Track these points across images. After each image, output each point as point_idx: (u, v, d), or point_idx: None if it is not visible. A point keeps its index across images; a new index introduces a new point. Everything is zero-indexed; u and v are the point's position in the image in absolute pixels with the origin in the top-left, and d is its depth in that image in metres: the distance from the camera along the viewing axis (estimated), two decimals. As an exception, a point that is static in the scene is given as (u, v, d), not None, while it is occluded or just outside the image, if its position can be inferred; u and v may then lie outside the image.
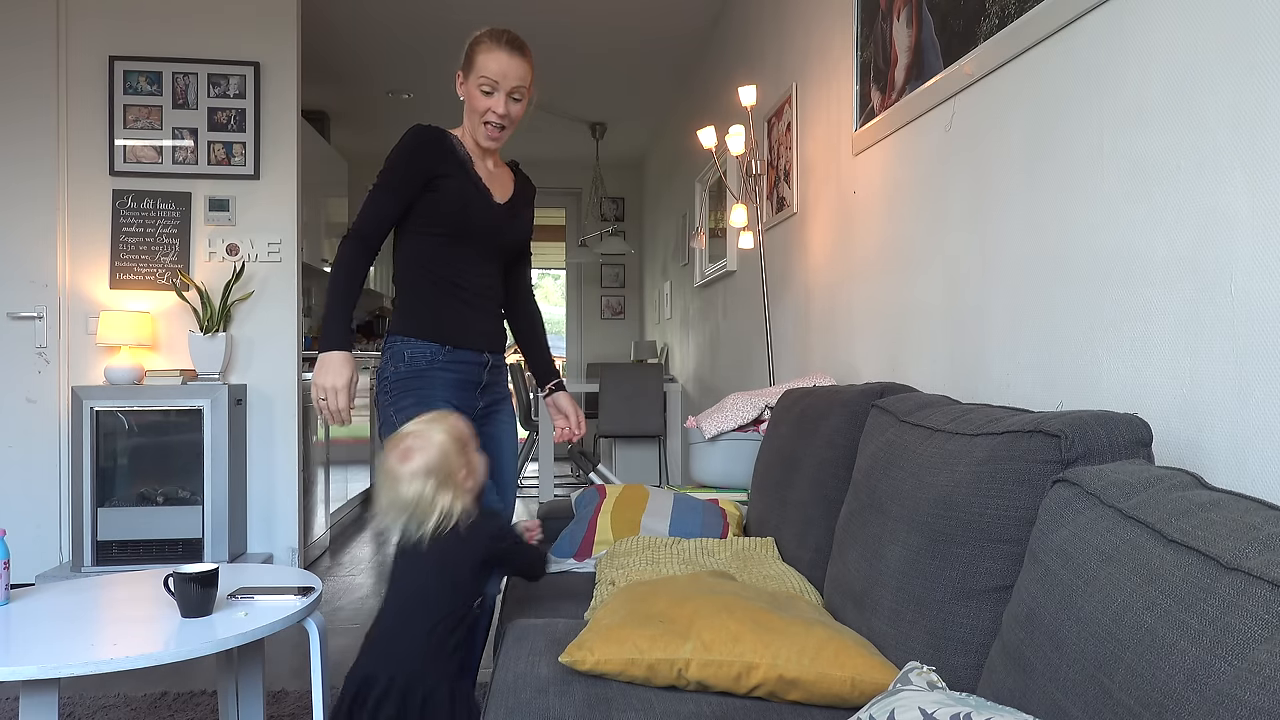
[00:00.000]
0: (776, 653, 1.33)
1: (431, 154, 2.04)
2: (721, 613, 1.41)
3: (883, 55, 2.54)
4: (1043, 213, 1.75)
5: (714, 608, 1.43)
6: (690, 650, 1.36)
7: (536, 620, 1.79)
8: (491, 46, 2.05)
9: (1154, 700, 0.79)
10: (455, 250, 2.08)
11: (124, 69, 3.91)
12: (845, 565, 1.63)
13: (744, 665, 1.34)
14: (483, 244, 2.10)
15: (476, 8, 4.88)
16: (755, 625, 1.38)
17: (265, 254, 4.00)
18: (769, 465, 2.35)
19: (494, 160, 2.19)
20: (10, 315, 3.87)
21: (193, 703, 2.57)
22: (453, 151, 2.07)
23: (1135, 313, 1.47)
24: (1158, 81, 1.42)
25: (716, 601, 1.45)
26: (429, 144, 2.04)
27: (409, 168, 2.01)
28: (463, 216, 2.05)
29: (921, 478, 1.41)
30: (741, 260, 4.36)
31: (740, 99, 3.49)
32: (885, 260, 2.57)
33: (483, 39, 2.07)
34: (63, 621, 1.78)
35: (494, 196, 2.12)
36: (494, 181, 2.15)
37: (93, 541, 3.64)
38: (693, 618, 1.41)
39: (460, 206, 2.04)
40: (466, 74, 2.09)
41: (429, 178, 2.02)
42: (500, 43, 2.06)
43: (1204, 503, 0.92)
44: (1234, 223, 1.26)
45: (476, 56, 2.06)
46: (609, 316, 8.99)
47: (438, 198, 2.03)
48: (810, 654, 1.33)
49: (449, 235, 2.06)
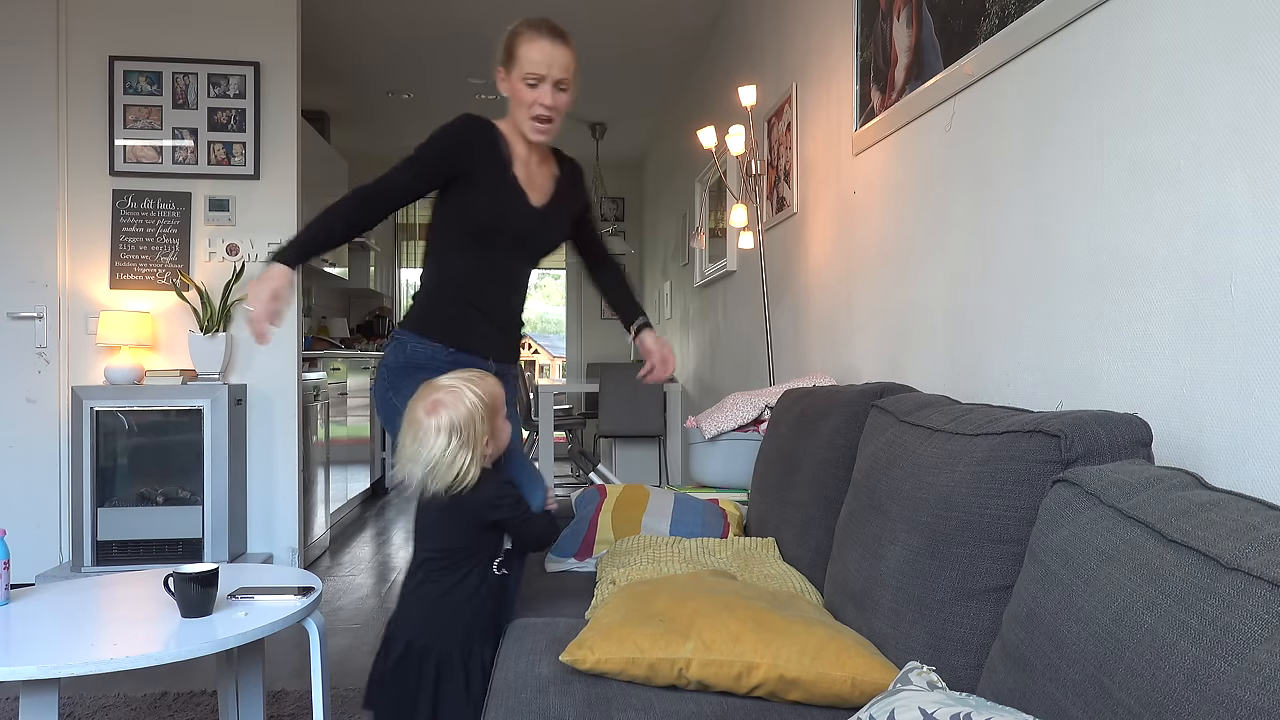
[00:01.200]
0: (777, 652, 1.34)
1: (473, 148, 1.98)
2: (722, 612, 1.41)
3: (883, 55, 2.54)
4: (1043, 212, 1.75)
5: (715, 607, 1.43)
6: (691, 650, 1.36)
7: (537, 619, 1.80)
8: (533, 36, 1.98)
9: (1154, 700, 0.79)
10: (481, 257, 2.03)
11: (124, 69, 3.91)
12: (845, 565, 1.63)
13: (744, 665, 1.34)
14: (511, 246, 2.06)
15: (476, 7, 4.88)
16: (756, 625, 1.38)
17: (265, 254, 4.00)
18: (769, 465, 2.35)
19: (539, 156, 2.12)
20: (10, 315, 3.87)
21: (193, 703, 2.56)
22: (495, 148, 2.01)
23: (1135, 313, 1.47)
24: (1158, 81, 1.42)
25: (717, 601, 1.46)
26: (474, 136, 1.99)
27: (445, 153, 1.96)
28: (492, 217, 2.00)
29: (921, 477, 1.41)
30: (741, 260, 4.36)
31: (740, 99, 3.49)
32: (885, 260, 2.57)
33: (522, 30, 2.00)
34: (63, 621, 1.78)
35: (530, 199, 2.06)
36: (533, 183, 2.08)
37: (93, 541, 3.64)
38: (693, 617, 1.41)
39: (491, 207, 2.00)
40: (508, 68, 2.01)
41: (463, 171, 1.97)
42: (541, 32, 1.98)
43: (1204, 503, 0.92)
44: (1234, 223, 1.26)
45: (518, 48, 1.99)
46: (609, 316, 8.97)
47: (469, 197, 1.98)
48: (811, 654, 1.33)
49: (476, 236, 2.01)
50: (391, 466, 1.83)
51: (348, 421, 5.42)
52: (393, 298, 8.94)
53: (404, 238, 9.06)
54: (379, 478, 6.42)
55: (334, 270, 6.55)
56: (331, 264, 6.42)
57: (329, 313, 7.62)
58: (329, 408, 4.84)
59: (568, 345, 9.13)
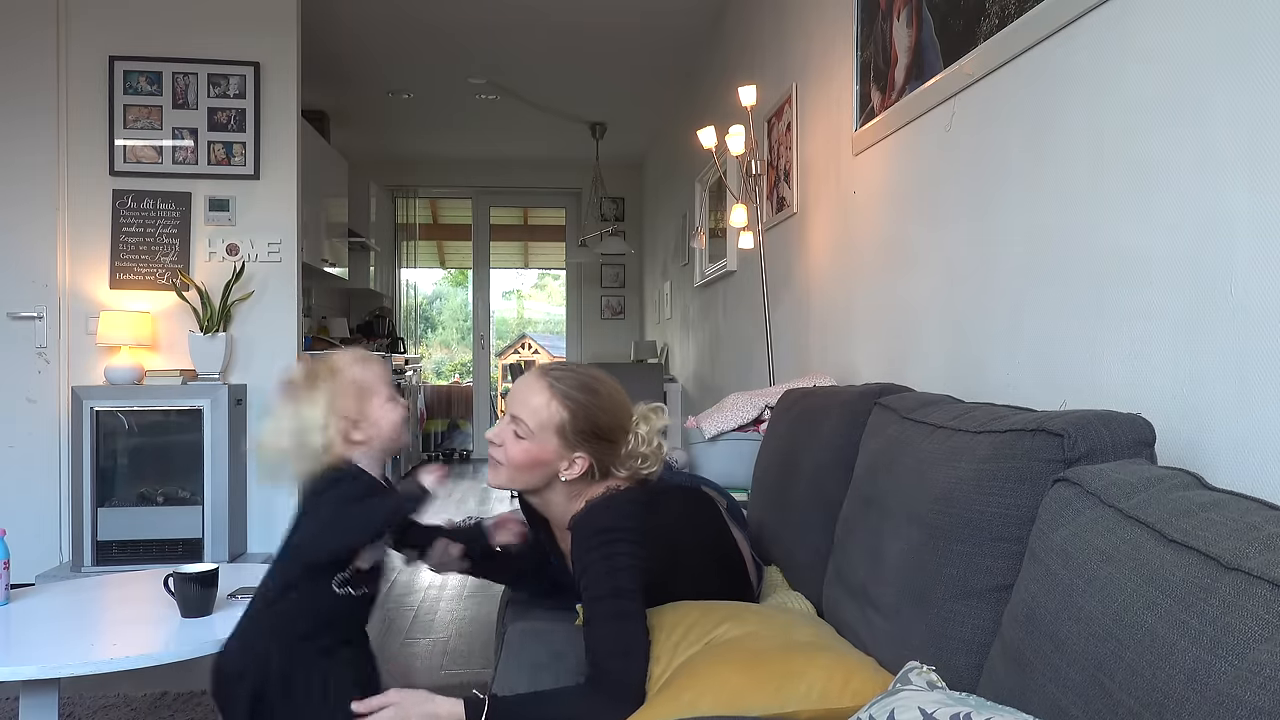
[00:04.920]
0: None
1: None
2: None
3: (883, 55, 2.54)
4: (1043, 212, 1.75)
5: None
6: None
7: (539, 624, 1.77)
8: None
9: (1154, 700, 0.79)
10: None
11: (124, 69, 3.91)
12: (846, 560, 1.63)
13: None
14: None
15: (476, 7, 4.88)
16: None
17: (265, 254, 4.00)
18: (769, 465, 2.35)
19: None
20: (10, 315, 3.87)
21: (193, 703, 2.56)
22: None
23: (1135, 313, 1.47)
24: (1158, 81, 1.42)
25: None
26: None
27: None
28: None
29: (923, 474, 1.41)
30: (741, 260, 4.36)
31: (740, 99, 3.49)
32: (885, 260, 2.57)
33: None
34: (63, 621, 1.78)
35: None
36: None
37: (93, 541, 3.64)
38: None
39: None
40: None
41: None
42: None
43: (1204, 503, 0.92)
44: (1234, 223, 1.26)
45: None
46: (609, 316, 8.98)
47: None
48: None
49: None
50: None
51: (348, 421, 5.41)
52: (393, 298, 8.94)
53: (404, 238, 9.06)
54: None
55: (334, 270, 6.55)
56: (332, 264, 6.42)
57: (329, 313, 7.62)
58: (329, 408, 4.83)
59: (568, 345, 9.13)
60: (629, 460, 1.60)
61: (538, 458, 1.53)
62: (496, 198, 8.96)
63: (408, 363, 7.50)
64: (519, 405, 1.54)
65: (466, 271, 9.60)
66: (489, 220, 9.00)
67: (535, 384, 1.55)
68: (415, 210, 9.14)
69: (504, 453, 1.54)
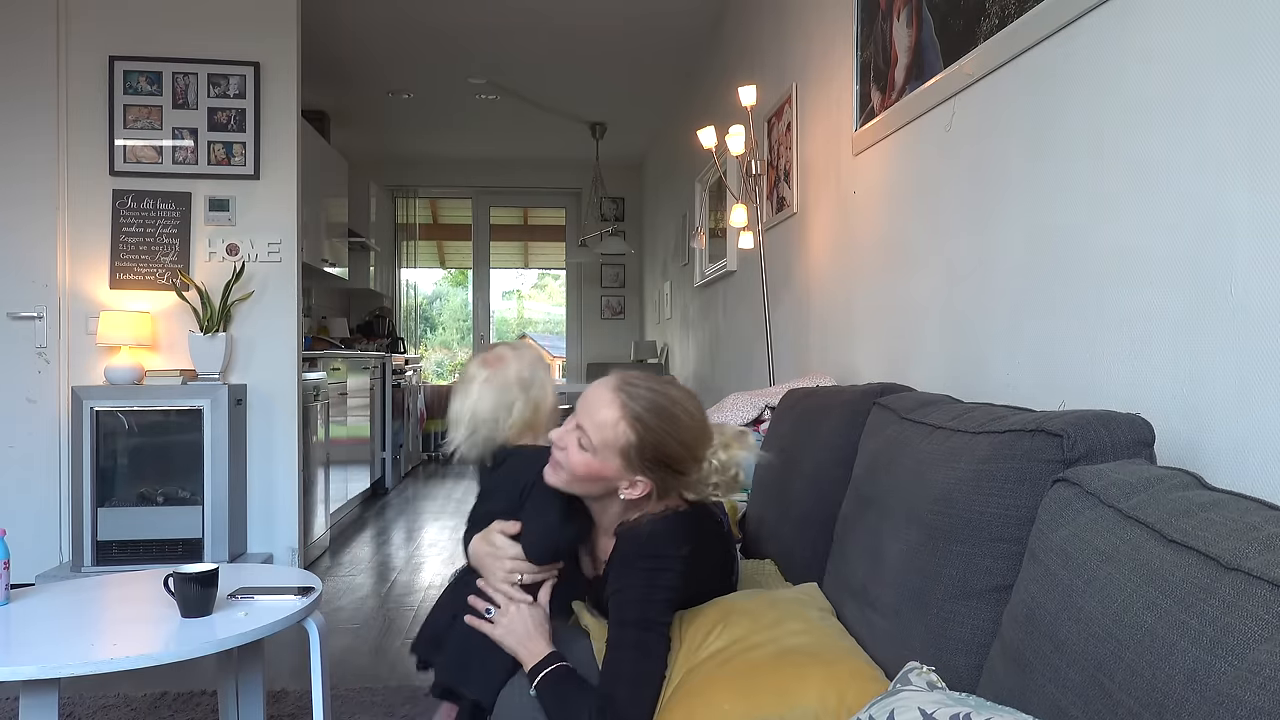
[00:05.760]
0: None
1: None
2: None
3: (883, 55, 2.54)
4: (1043, 212, 1.75)
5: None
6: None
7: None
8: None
9: (1154, 700, 0.79)
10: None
11: (124, 69, 3.91)
12: (845, 559, 1.63)
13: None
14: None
15: (476, 7, 4.88)
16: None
17: (265, 254, 4.00)
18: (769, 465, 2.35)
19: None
20: (10, 315, 3.87)
21: (193, 703, 2.56)
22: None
23: (1135, 313, 1.47)
24: (1158, 81, 1.42)
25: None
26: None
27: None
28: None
29: (922, 474, 1.41)
30: (741, 260, 4.36)
31: (740, 99, 3.49)
32: (885, 260, 2.57)
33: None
34: (63, 621, 1.78)
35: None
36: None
37: (93, 541, 3.64)
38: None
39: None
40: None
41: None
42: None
43: (1204, 503, 0.92)
44: (1234, 223, 1.26)
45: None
46: (609, 316, 8.99)
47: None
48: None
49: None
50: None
51: (347, 421, 5.42)
52: (393, 298, 8.95)
53: (404, 238, 9.07)
54: (379, 478, 6.42)
55: (334, 270, 6.55)
56: (332, 264, 6.42)
57: (329, 313, 7.62)
58: (329, 408, 4.84)
59: (568, 345, 9.13)
60: (698, 486, 1.52)
61: (598, 473, 1.44)
62: (496, 198, 8.97)
63: (408, 363, 7.50)
64: (586, 416, 1.44)
65: (466, 271, 9.61)
66: (489, 220, 9.00)
67: (607, 396, 1.45)
68: (415, 210, 9.14)
69: (566, 456, 1.46)
